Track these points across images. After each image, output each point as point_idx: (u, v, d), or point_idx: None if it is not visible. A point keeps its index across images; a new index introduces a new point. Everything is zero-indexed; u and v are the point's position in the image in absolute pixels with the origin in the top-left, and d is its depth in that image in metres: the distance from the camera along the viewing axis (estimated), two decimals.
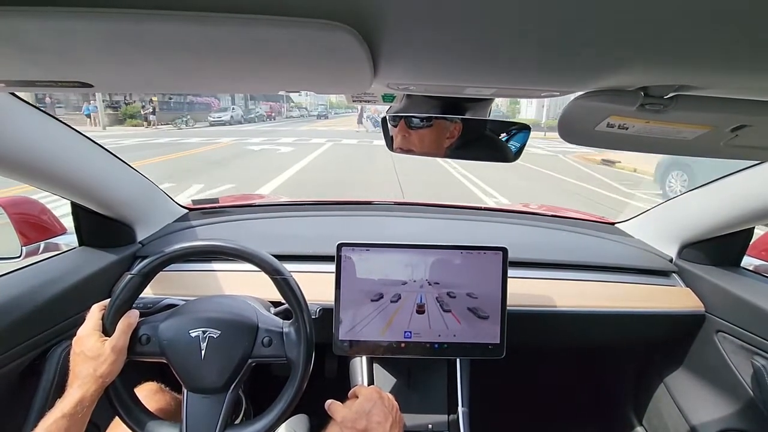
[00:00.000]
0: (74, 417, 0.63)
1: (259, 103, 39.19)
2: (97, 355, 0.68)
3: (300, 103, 55.25)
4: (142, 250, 1.12)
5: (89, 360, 0.68)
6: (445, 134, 0.68)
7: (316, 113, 43.36)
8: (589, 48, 0.33)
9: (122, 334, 0.71)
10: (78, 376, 0.67)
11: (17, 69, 0.41)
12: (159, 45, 0.33)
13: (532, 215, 1.46)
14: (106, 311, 0.74)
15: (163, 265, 0.76)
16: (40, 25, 0.30)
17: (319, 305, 0.88)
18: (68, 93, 1.78)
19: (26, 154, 0.75)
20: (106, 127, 18.07)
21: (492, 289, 0.93)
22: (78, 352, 0.70)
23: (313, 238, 1.19)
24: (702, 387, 1.11)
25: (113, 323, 0.72)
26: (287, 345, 0.76)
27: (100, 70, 0.42)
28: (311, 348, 0.76)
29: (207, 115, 24.86)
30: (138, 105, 20.99)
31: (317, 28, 0.30)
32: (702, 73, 0.38)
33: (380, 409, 0.71)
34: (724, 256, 1.13)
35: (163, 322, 0.76)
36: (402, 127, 0.70)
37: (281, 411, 0.74)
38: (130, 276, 0.74)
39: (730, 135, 0.47)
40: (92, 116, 18.30)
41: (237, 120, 25.23)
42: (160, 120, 20.88)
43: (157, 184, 1.21)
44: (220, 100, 28.78)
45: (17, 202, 1.02)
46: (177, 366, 0.74)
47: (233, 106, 25.21)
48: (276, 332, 0.77)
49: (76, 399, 0.64)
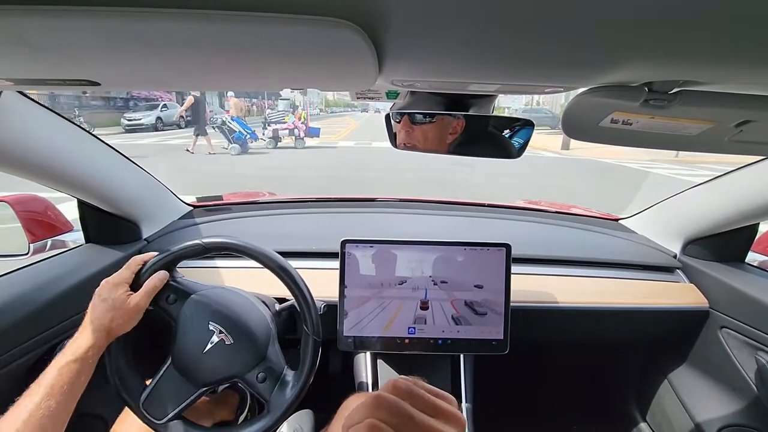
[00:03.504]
0: (85, 361, 0.64)
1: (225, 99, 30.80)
2: (119, 306, 0.69)
3: (293, 101, 50.42)
4: (147, 247, 1.13)
5: (111, 309, 0.68)
6: (447, 130, 0.68)
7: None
8: (593, 44, 0.33)
9: (146, 294, 0.72)
10: (94, 322, 0.67)
11: (24, 68, 0.42)
12: (165, 43, 0.34)
13: (536, 212, 1.46)
14: (151, 261, 0.75)
15: (218, 250, 0.77)
16: (46, 24, 0.30)
17: (324, 302, 0.89)
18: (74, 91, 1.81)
19: (33, 152, 0.75)
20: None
21: (496, 285, 0.93)
22: (104, 298, 0.70)
23: (317, 235, 1.20)
24: (706, 383, 1.11)
25: (149, 276, 0.73)
26: (276, 391, 0.75)
27: (106, 68, 0.43)
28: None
29: (124, 115, 16.27)
30: None
31: (322, 26, 0.30)
32: (706, 68, 0.38)
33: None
34: (729, 252, 1.13)
35: (194, 293, 0.77)
36: (405, 122, 0.70)
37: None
38: (196, 242, 0.75)
39: (735, 130, 0.47)
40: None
41: (171, 123, 16.95)
42: None
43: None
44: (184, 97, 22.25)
45: (24, 200, 1.03)
46: (178, 339, 0.75)
47: (163, 103, 17.11)
48: (275, 374, 0.76)
49: (89, 344, 0.65)
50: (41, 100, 0.75)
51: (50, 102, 16.84)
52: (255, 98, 37.43)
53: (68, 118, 0.83)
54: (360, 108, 77.46)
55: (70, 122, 0.84)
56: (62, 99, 17.49)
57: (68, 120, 0.84)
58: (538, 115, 19.78)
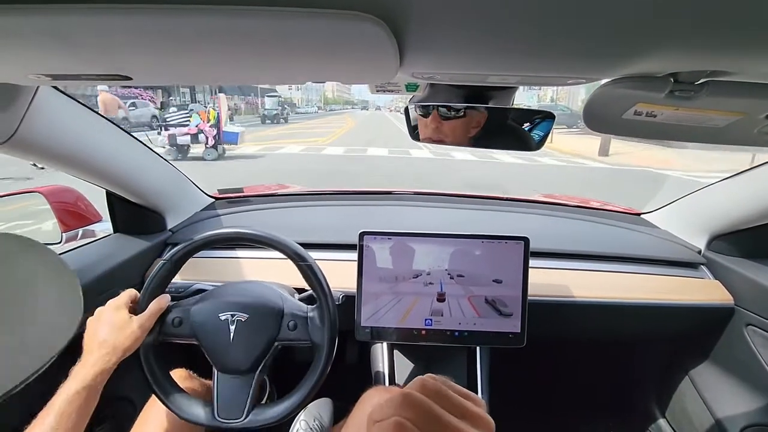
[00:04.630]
0: (93, 389, 0.65)
1: (203, 94, 23.74)
2: (123, 327, 0.70)
3: (290, 98, 41.52)
4: (172, 237, 1.16)
5: (116, 330, 0.69)
6: (471, 124, 0.68)
7: (271, 113, 22.49)
8: (617, 33, 0.33)
9: (151, 314, 0.74)
10: (100, 345, 0.68)
11: (62, 63, 0.44)
12: (192, 38, 0.35)
13: (555, 205, 1.44)
14: (141, 295, 0.77)
15: (193, 252, 0.79)
16: (84, 21, 0.32)
17: (342, 292, 0.90)
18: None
19: (67, 145, 0.79)
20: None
21: (513, 278, 0.93)
22: (104, 321, 0.71)
23: (336, 227, 1.21)
24: (729, 381, 1.09)
25: (146, 305, 0.76)
26: (311, 329, 0.79)
27: (137, 63, 0.44)
28: (335, 332, 0.79)
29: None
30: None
31: (345, 19, 0.31)
32: (735, 57, 0.37)
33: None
34: (756, 248, 1.09)
35: (194, 306, 0.80)
36: (435, 117, 0.70)
37: (307, 392, 0.77)
38: (162, 262, 0.78)
39: (765, 122, 0.46)
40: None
41: (141, 124, 13.34)
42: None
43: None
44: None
45: (57, 191, 1.07)
46: (207, 347, 0.78)
47: (131, 102, 13.43)
48: (301, 317, 0.80)
49: (97, 370, 0.65)
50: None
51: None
52: (248, 95, 32.39)
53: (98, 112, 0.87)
54: (360, 106, 75.29)
55: (101, 116, 0.88)
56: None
57: (99, 114, 0.87)
58: (554, 112, 18.08)
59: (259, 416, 0.77)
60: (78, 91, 12.65)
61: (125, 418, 0.90)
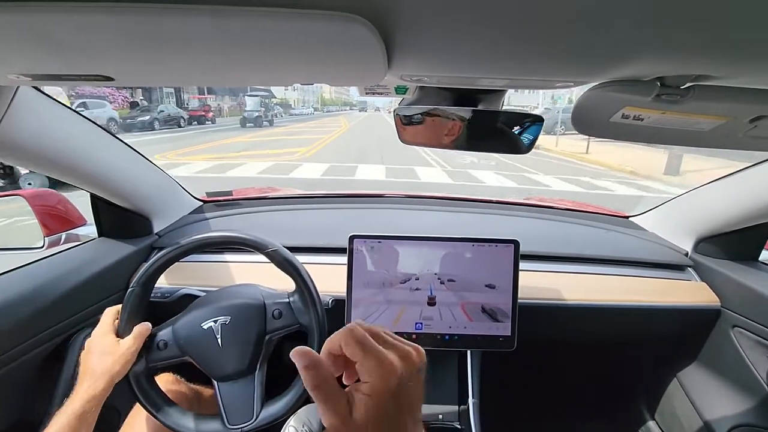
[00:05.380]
0: (84, 416, 0.64)
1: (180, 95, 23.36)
2: (113, 351, 0.70)
3: (285, 99, 38.82)
4: (158, 241, 1.14)
5: (105, 355, 0.70)
6: (443, 131, 0.68)
7: (253, 116, 20.46)
8: (604, 37, 0.33)
9: (136, 338, 0.73)
10: (91, 373, 0.68)
11: (42, 63, 0.43)
12: (177, 38, 0.34)
13: (545, 208, 1.45)
14: (118, 321, 0.75)
15: (160, 271, 0.77)
16: (65, 20, 0.31)
17: (332, 296, 0.89)
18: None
19: (48, 147, 0.77)
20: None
21: (504, 281, 0.93)
22: (92, 350, 0.71)
23: (326, 230, 1.21)
24: (716, 382, 1.10)
25: (126, 331, 0.74)
26: (297, 312, 0.79)
27: (120, 64, 0.43)
28: (321, 310, 0.78)
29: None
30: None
31: (333, 21, 0.30)
32: (721, 62, 0.37)
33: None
34: (742, 250, 1.11)
35: (176, 324, 0.79)
36: (402, 121, 0.70)
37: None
38: (131, 289, 0.76)
39: (749, 126, 0.46)
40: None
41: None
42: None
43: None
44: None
45: (40, 194, 1.05)
46: (199, 360, 0.77)
47: (81, 101, 13.28)
48: (283, 303, 0.79)
49: (87, 398, 0.65)
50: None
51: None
52: (238, 95, 29.40)
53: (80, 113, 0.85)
54: (358, 107, 69.34)
55: (84, 118, 0.86)
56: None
57: (81, 115, 0.85)
58: (567, 114, 11.93)
59: (270, 412, 0.76)
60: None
61: (110, 426, 0.88)
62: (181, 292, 0.99)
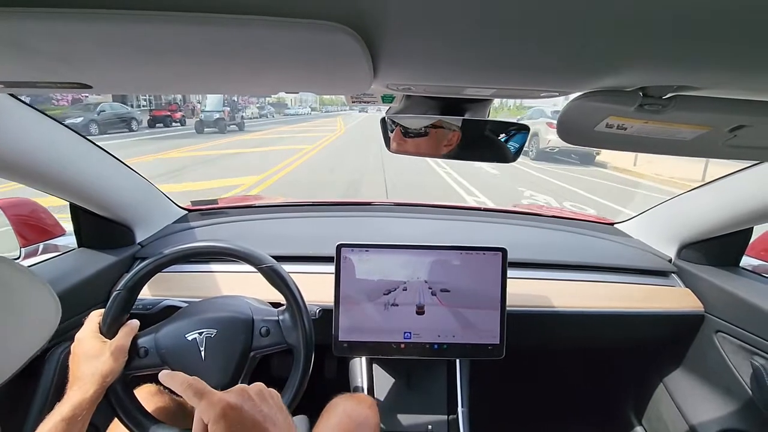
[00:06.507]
0: (73, 420, 0.62)
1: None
2: (99, 354, 0.68)
3: (281, 98, 34.48)
4: (141, 251, 1.12)
5: (91, 359, 0.67)
6: (443, 142, 0.68)
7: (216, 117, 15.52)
8: (588, 48, 0.33)
9: (124, 335, 0.71)
10: (79, 378, 0.66)
11: (17, 70, 0.41)
12: (158, 46, 0.33)
13: (532, 216, 1.47)
14: (101, 323, 0.73)
15: (148, 277, 0.75)
16: (38, 27, 0.30)
17: (319, 306, 0.88)
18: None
19: (24, 156, 0.75)
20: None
21: (491, 289, 0.93)
22: (79, 353, 0.69)
23: (313, 239, 1.19)
24: (701, 387, 1.11)
25: (110, 333, 0.72)
26: (285, 331, 0.76)
27: (98, 72, 0.42)
28: (310, 330, 0.76)
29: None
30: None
31: (317, 30, 0.30)
32: (701, 73, 0.38)
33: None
34: (724, 256, 1.13)
35: (159, 332, 0.76)
36: (398, 134, 0.70)
37: (291, 397, 0.73)
38: (116, 293, 0.73)
39: (729, 135, 0.47)
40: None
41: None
42: None
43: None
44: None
45: (16, 204, 1.02)
46: (180, 371, 0.74)
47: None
48: (272, 321, 0.77)
49: (75, 402, 0.63)
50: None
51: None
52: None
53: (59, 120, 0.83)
54: (358, 108, 74.67)
55: (62, 125, 0.84)
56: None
57: (60, 123, 0.83)
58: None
59: None
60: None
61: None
62: (164, 303, 0.96)
